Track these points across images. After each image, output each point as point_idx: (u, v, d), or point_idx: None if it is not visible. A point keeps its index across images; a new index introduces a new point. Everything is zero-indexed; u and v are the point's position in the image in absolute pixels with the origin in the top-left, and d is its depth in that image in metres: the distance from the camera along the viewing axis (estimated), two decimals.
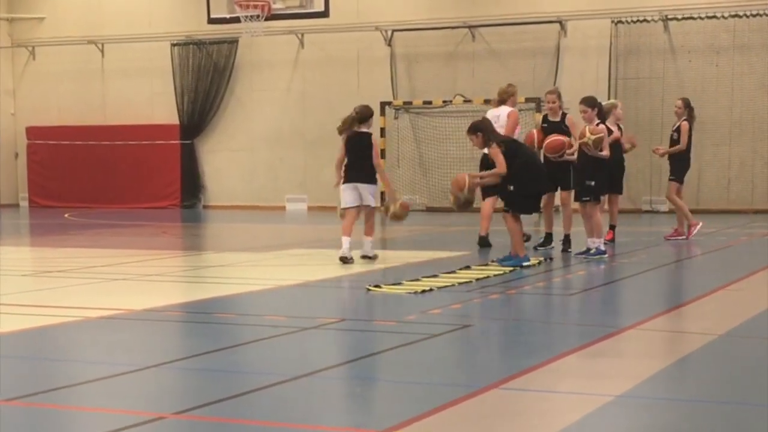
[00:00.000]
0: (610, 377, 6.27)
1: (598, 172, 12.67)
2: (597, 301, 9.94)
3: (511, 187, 11.67)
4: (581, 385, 6.05)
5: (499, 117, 13.68)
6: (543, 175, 12.02)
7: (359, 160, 12.33)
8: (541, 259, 12.49)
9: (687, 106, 15.19)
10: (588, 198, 12.68)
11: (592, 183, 12.63)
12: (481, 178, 12.15)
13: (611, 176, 13.64)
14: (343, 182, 12.45)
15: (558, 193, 13.91)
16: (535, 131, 13.90)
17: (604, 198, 13.97)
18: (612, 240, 14.52)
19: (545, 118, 14.01)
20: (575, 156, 12.99)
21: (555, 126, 13.68)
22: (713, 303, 9.37)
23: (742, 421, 5.26)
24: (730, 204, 22.65)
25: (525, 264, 11.62)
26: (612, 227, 14.79)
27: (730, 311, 8.87)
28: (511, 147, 11.83)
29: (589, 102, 12.84)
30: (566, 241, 13.48)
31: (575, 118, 13.89)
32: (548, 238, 13.87)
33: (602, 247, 12.69)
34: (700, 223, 15.33)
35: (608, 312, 9.25)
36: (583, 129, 12.66)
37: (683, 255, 13.69)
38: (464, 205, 12.02)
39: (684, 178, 15.35)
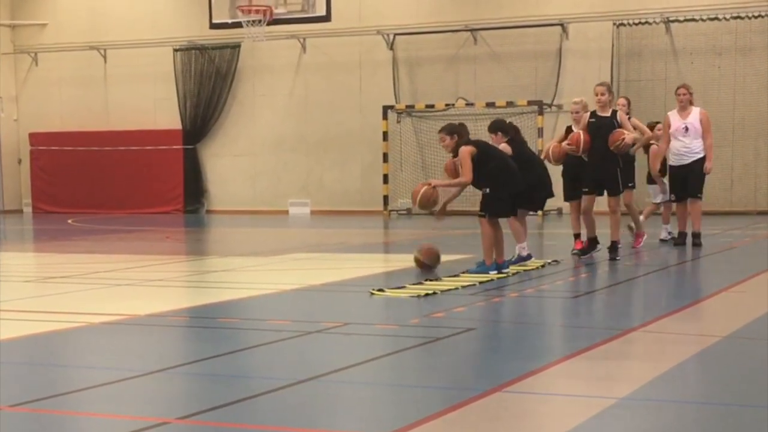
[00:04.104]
0: (614, 380, 6.27)
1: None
2: (600, 303, 9.93)
3: (487, 190, 11.30)
4: (585, 388, 6.05)
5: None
6: (517, 176, 11.45)
7: None
8: (547, 261, 12.47)
9: (629, 103, 14.72)
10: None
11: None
12: (447, 184, 11.66)
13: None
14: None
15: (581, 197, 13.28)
16: (581, 133, 12.95)
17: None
18: (581, 250, 13.22)
19: (593, 114, 12.99)
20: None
21: (605, 121, 12.86)
22: (716, 305, 9.37)
23: (746, 423, 5.25)
24: (733, 205, 22.65)
25: (491, 273, 11.15)
26: (576, 236, 13.59)
27: (734, 313, 8.86)
28: (483, 150, 11.34)
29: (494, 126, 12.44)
30: (613, 248, 12.87)
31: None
32: (593, 242, 13.12)
33: (524, 254, 12.18)
34: (645, 235, 14.62)
35: (612, 314, 9.24)
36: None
37: (686, 257, 13.68)
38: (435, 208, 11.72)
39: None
